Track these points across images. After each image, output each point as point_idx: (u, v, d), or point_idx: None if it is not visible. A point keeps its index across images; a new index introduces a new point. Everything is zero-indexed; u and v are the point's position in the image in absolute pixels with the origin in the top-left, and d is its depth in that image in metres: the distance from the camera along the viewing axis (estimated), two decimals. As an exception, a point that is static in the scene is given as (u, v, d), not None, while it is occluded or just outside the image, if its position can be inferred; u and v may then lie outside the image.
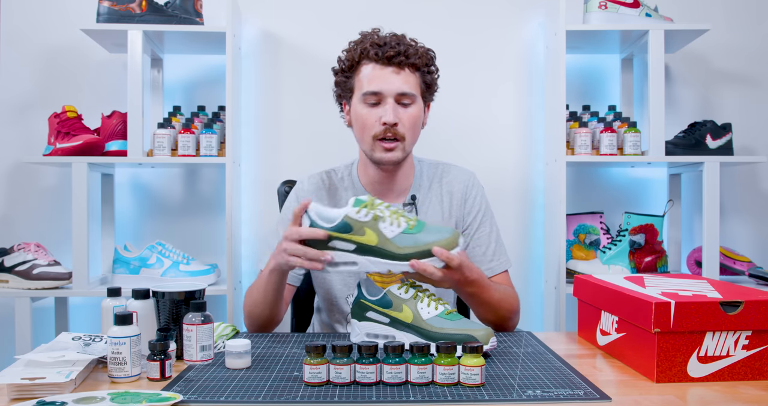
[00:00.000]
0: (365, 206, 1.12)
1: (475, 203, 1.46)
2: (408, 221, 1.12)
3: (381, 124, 1.33)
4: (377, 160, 1.37)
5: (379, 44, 1.35)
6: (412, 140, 1.38)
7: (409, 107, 1.36)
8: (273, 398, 0.88)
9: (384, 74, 1.34)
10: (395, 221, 1.11)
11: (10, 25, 2.14)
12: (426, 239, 1.10)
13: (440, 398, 0.87)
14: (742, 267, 2.07)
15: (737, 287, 1.10)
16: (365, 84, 1.35)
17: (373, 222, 1.10)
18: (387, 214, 1.12)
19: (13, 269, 1.87)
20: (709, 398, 0.89)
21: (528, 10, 2.21)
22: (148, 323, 1.08)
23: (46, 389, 0.89)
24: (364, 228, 1.10)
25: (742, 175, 2.23)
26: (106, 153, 1.93)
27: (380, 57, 1.34)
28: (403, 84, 1.34)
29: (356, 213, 1.11)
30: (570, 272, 1.95)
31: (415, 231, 1.11)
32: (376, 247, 1.10)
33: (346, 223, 1.11)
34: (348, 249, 1.11)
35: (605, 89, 2.25)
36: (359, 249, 1.11)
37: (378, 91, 1.33)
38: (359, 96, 1.36)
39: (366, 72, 1.35)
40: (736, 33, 2.23)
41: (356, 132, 1.40)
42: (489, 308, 1.29)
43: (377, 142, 1.35)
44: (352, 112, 1.40)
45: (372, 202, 1.13)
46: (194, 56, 2.18)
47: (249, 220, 2.17)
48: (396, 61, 1.33)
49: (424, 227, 1.12)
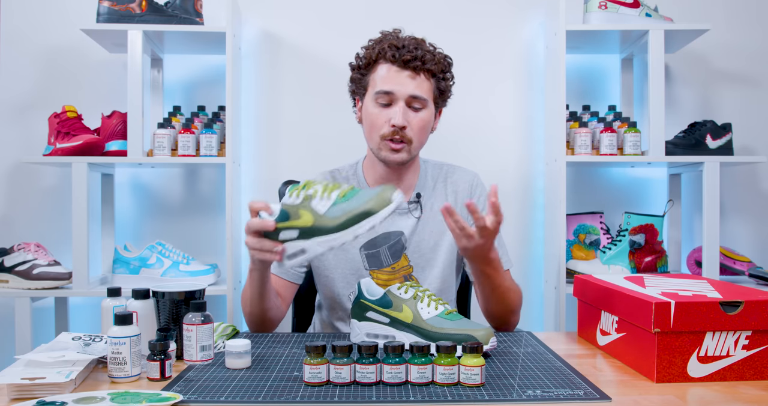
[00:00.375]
0: (298, 189, 1.08)
1: (479, 202, 1.48)
2: (340, 191, 1.07)
3: (390, 125, 1.34)
4: (383, 159, 1.39)
5: (397, 46, 1.36)
6: (419, 144, 1.39)
7: (420, 112, 1.37)
8: (273, 398, 0.88)
9: (399, 76, 1.35)
10: (325, 194, 1.07)
11: (10, 25, 2.14)
12: (357, 203, 1.04)
13: (440, 398, 0.87)
14: (742, 267, 2.07)
15: (737, 287, 1.10)
16: (379, 83, 1.36)
17: (305, 202, 1.07)
18: (319, 190, 1.08)
19: (13, 269, 1.87)
20: (709, 398, 0.89)
21: (528, 9, 2.21)
22: (148, 323, 1.08)
23: (46, 389, 0.89)
24: (299, 211, 1.07)
25: (742, 175, 2.23)
26: (106, 153, 1.93)
27: (397, 59, 1.35)
28: (416, 88, 1.35)
29: (289, 197, 1.08)
30: (570, 272, 1.95)
31: (346, 199, 1.06)
32: (315, 226, 1.05)
33: (284, 211, 1.08)
34: (293, 237, 1.08)
35: (605, 89, 2.25)
36: (302, 233, 1.07)
37: (390, 91, 1.34)
38: (372, 95, 1.37)
39: (381, 72, 1.37)
40: (736, 33, 2.23)
41: (365, 130, 1.42)
42: (499, 295, 1.32)
43: (384, 142, 1.36)
44: (363, 110, 1.42)
45: (307, 183, 1.09)
46: (194, 56, 2.18)
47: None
48: (412, 65, 1.35)
49: (356, 193, 1.07)
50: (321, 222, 1.05)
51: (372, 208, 1.03)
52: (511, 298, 1.34)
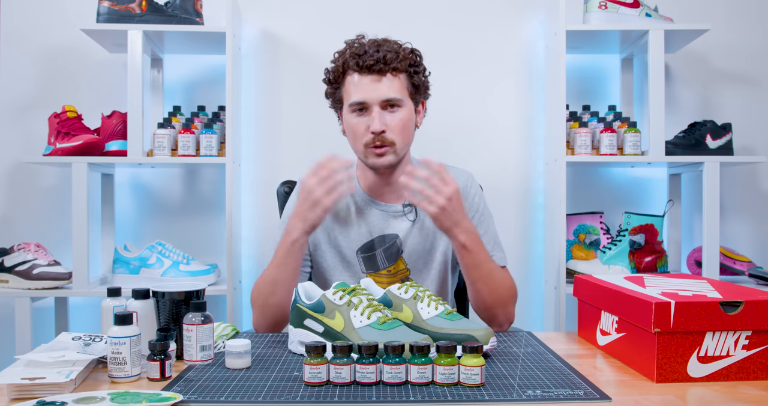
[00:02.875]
0: (346, 290, 1.08)
1: (474, 202, 1.47)
2: (381, 317, 1.05)
3: (369, 132, 1.35)
4: (371, 165, 1.40)
5: (358, 54, 1.35)
6: (403, 144, 1.39)
7: (397, 112, 1.37)
8: (273, 398, 0.88)
9: (366, 83, 1.35)
10: (366, 312, 1.05)
11: (10, 25, 2.14)
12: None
13: (440, 398, 0.87)
14: (742, 267, 2.07)
15: (737, 287, 1.10)
16: (351, 95, 1.37)
17: (345, 307, 1.06)
18: (363, 304, 1.07)
19: (13, 269, 1.87)
20: (709, 398, 0.89)
21: (528, 9, 2.21)
22: (148, 323, 1.08)
23: (46, 389, 0.89)
24: (335, 312, 1.06)
25: (742, 175, 2.23)
26: (106, 153, 1.93)
27: (361, 67, 1.35)
28: (387, 91, 1.35)
29: (333, 293, 1.08)
30: (570, 272, 1.95)
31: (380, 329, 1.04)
32: (341, 333, 1.05)
33: (321, 302, 1.08)
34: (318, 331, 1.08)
35: (605, 89, 2.25)
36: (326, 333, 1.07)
37: (362, 101, 1.35)
38: (347, 107, 1.38)
39: (350, 83, 1.37)
40: (736, 33, 2.23)
41: (349, 140, 1.43)
42: (484, 275, 1.32)
43: (368, 149, 1.37)
44: (344, 122, 1.43)
45: (356, 290, 1.09)
46: (194, 56, 2.18)
47: (249, 220, 2.17)
48: (376, 69, 1.34)
49: (391, 327, 1.04)
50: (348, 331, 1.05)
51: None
52: (495, 281, 1.34)
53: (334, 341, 1.03)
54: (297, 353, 1.11)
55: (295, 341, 1.12)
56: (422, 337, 1.01)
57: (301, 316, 1.11)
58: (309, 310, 1.10)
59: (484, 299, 1.35)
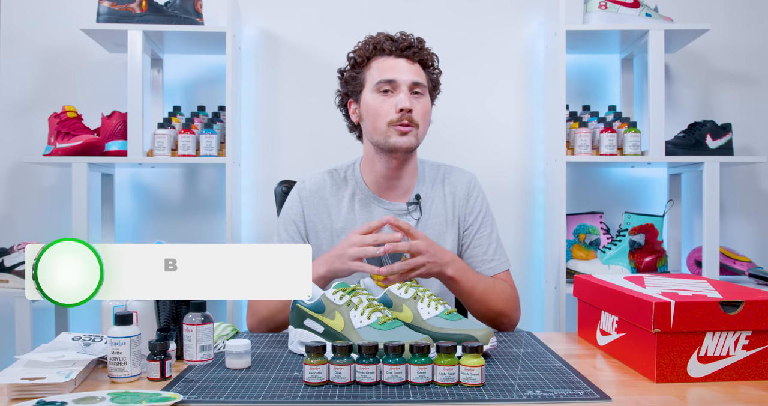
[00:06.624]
0: (346, 290, 1.08)
1: (476, 203, 1.47)
2: (381, 317, 1.05)
3: (397, 110, 1.35)
4: (392, 145, 1.36)
5: (392, 38, 1.41)
6: (423, 131, 1.41)
7: (422, 98, 1.39)
8: (273, 398, 0.88)
9: (398, 64, 1.38)
10: (366, 312, 1.06)
11: (10, 25, 2.14)
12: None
13: (440, 398, 0.87)
14: (742, 267, 2.07)
15: (737, 287, 1.10)
16: (378, 75, 1.38)
17: (345, 307, 1.06)
18: (363, 304, 1.06)
19: (13, 269, 1.87)
20: (709, 398, 0.89)
21: (528, 9, 2.21)
22: (148, 323, 1.08)
23: (46, 389, 0.89)
24: (335, 312, 1.06)
25: (742, 175, 2.23)
26: (106, 153, 1.93)
27: (394, 50, 1.39)
28: (416, 75, 1.39)
29: (333, 294, 1.08)
30: (570, 272, 1.95)
31: (380, 329, 1.04)
32: (341, 332, 1.05)
33: (321, 303, 1.08)
34: (318, 331, 1.08)
35: (605, 89, 2.25)
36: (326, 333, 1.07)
37: (393, 79, 1.37)
38: (372, 87, 1.39)
39: (379, 64, 1.40)
40: (736, 33, 2.23)
41: (368, 123, 1.40)
42: (475, 299, 1.33)
43: (392, 127, 1.36)
44: (362, 106, 1.42)
45: (356, 290, 1.09)
46: (194, 56, 2.18)
47: (249, 220, 2.17)
48: (410, 53, 1.39)
49: (392, 326, 1.04)
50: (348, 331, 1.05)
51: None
52: (492, 300, 1.34)
53: (334, 341, 1.03)
54: (297, 353, 1.11)
55: (295, 341, 1.12)
56: (422, 337, 1.01)
57: (301, 316, 1.11)
58: (309, 310, 1.10)
59: (484, 314, 1.36)
